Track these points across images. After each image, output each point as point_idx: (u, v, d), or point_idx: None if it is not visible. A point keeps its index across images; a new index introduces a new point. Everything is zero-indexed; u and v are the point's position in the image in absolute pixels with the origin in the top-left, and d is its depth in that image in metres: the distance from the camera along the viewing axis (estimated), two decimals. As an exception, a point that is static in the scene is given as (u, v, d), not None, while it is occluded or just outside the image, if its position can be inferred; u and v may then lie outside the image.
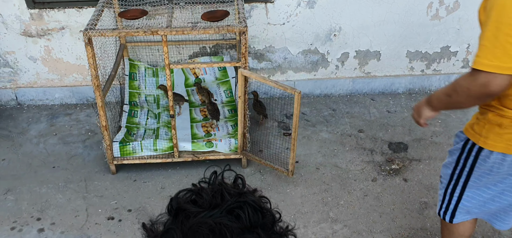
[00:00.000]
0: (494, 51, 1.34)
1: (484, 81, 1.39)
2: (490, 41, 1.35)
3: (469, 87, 1.45)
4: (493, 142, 1.62)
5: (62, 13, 3.26)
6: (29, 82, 3.54)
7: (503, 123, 1.57)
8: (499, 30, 1.33)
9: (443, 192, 1.92)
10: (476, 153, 1.70)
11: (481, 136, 1.64)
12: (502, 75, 1.35)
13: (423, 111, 1.80)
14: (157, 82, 3.49)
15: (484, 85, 1.40)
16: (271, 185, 2.82)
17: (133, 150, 2.85)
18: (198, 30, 2.42)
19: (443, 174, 1.91)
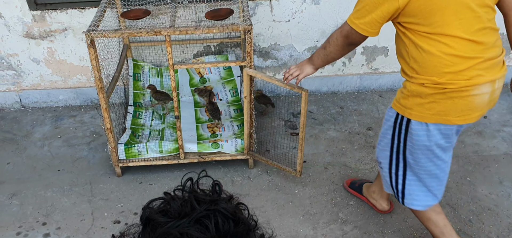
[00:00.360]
0: (358, 13, 1.75)
1: (349, 33, 1.81)
2: (358, 5, 1.76)
3: (337, 36, 1.87)
4: (417, 113, 1.76)
5: (64, 14, 3.22)
6: (33, 85, 3.51)
7: (423, 92, 1.72)
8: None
9: (389, 177, 2.02)
10: (406, 126, 1.82)
11: (407, 108, 1.78)
12: (358, 32, 1.77)
13: (305, 68, 2.13)
14: (162, 83, 3.44)
15: (347, 36, 1.83)
16: (279, 185, 2.77)
17: (138, 152, 2.81)
18: (202, 29, 2.37)
19: (382, 158, 2.01)
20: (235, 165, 2.93)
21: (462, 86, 1.68)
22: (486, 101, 1.75)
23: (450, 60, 1.66)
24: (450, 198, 2.64)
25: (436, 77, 1.69)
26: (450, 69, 1.67)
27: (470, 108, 1.73)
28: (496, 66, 1.74)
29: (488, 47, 1.69)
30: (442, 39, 1.65)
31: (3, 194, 2.75)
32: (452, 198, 2.63)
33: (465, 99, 1.70)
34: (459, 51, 1.65)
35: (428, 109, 1.74)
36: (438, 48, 1.66)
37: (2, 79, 3.47)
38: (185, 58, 3.51)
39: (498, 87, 1.77)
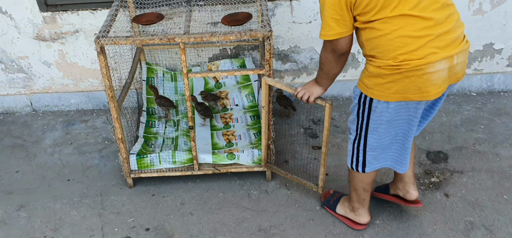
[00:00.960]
0: (325, 26, 1.83)
1: (332, 47, 1.88)
2: (323, 19, 1.82)
3: (326, 55, 1.94)
4: (378, 92, 1.85)
5: (75, 15, 3.09)
6: (44, 88, 3.41)
7: (381, 73, 1.80)
8: (323, 10, 1.80)
9: (352, 146, 2.12)
10: (369, 104, 1.91)
11: (369, 88, 1.87)
12: (341, 38, 1.84)
13: (313, 89, 2.15)
14: (176, 87, 3.30)
15: (333, 50, 1.89)
16: (299, 201, 2.60)
17: (151, 163, 2.67)
18: (218, 36, 2.20)
19: (351, 128, 2.11)
20: (251, 177, 2.78)
21: (416, 65, 1.73)
22: (444, 77, 1.79)
23: (400, 41, 1.71)
24: (486, 218, 2.43)
25: (391, 60, 1.75)
26: (402, 50, 1.72)
27: (428, 86, 1.77)
28: (453, 41, 1.76)
29: (439, 23, 1.72)
30: (390, 21, 1.71)
31: (12, 205, 2.64)
32: (488, 219, 2.43)
33: (421, 77, 1.75)
34: (408, 30, 1.70)
35: (388, 89, 1.82)
36: (387, 31, 1.72)
37: (13, 82, 3.37)
38: (200, 62, 3.35)
39: (458, 62, 1.80)
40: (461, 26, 1.82)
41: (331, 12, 1.77)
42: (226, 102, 3.26)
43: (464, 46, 1.81)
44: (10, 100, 3.43)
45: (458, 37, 1.78)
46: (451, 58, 1.76)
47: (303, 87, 2.19)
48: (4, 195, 2.72)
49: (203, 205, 2.60)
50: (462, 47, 1.79)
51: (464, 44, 1.81)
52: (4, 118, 3.43)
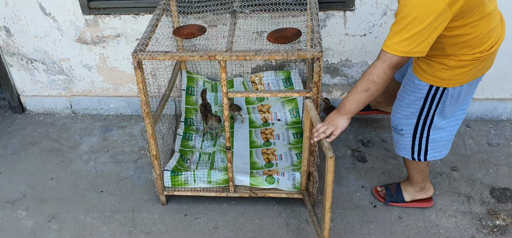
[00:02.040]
0: (408, 41, 1.71)
1: (397, 62, 1.75)
2: (404, 32, 1.70)
3: (385, 71, 1.77)
4: (456, 81, 1.88)
5: (118, 19, 2.99)
6: (84, 91, 3.35)
7: (464, 65, 1.84)
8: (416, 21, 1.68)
9: (412, 140, 2.13)
10: (440, 94, 1.93)
11: (445, 79, 1.88)
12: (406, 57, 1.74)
13: (339, 122, 1.92)
14: (217, 98, 3.13)
15: (395, 66, 1.76)
16: (342, 236, 2.36)
17: (185, 181, 2.52)
18: (262, 55, 1.99)
19: (404, 126, 2.11)
20: (291, 203, 2.56)
21: (496, 48, 1.86)
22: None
23: (487, 36, 1.79)
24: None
25: (478, 53, 1.81)
26: (488, 43, 1.81)
27: (492, 61, 1.93)
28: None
29: (495, 8, 1.84)
30: (478, 24, 1.74)
31: (43, 215, 2.58)
32: None
33: (493, 55, 1.89)
34: (490, 25, 1.78)
35: (467, 75, 1.87)
36: (477, 32, 1.76)
37: (54, 83, 3.33)
38: (242, 72, 3.17)
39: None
40: None
41: (429, 28, 1.65)
42: (268, 116, 3.06)
43: None
44: (50, 101, 3.41)
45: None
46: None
47: (325, 123, 1.93)
48: (37, 203, 2.67)
49: (237, 232, 2.42)
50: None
51: None
52: (44, 119, 3.41)
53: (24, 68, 3.28)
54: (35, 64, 3.26)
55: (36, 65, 3.26)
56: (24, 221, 2.56)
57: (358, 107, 1.87)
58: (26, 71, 3.30)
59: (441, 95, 1.94)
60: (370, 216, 2.46)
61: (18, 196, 2.73)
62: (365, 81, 1.81)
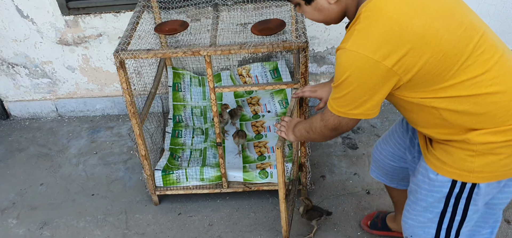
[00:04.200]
0: (348, 102, 1.32)
1: (334, 125, 1.41)
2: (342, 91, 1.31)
3: (322, 129, 1.47)
4: (489, 174, 1.34)
5: (98, 18, 2.92)
6: (69, 93, 3.29)
7: (495, 148, 1.29)
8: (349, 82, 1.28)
9: None
10: (468, 192, 1.38)
11: (473, 172, 1.34)
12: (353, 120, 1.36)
13: (289, 135, 1.77)
14: (204, 93, 3.09)
15: (334, 128, 1.42)
16: (338, 225, 2.36)
17: (177, 179, 2.49)
18: (247, 49, 1.96)
19: (421, 236, 1.55)
20: (285, 195, 2.55)
21: None
22: None
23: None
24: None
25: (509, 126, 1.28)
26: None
27: None
28: None
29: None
30: (486, 74, 1.27)
31: (35, 222, 2.54)
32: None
33: None
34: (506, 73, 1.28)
35: (505, 164, 1.31)
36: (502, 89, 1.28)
37: (38, 87, 3.26)
38: (229, 65, 3.13)
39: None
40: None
41: (370, 93, 1.27)
42: (258, 108, 3.04)
43: None
44: (35, 105, 3.34)
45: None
46: None
47: (285, 126, 1.80)
48: (28, 210, 2.62)
49: (233, 227, 2.41)
50: None
51: None
52: (30, 124, 3.35)
53: (5, 73, 3.20)
54: (16, 69, 3.18)
55: (17, 69, 3.18)
56: (15, 230, 2.51)
57: (303, 139, 1.71)
58: (8, 76, 3.22)
59: (470, 194, 1.39)
60: (364, 203, 2.46)
61: (8, 204, 2.68)
62: (309, 126, 1.58)
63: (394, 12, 1.20)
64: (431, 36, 1.19)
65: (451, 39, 1.20)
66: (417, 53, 1.19)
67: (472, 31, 1.24)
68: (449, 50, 1.20)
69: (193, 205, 2.55)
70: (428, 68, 1.21)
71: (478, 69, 1.23)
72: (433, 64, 1.20)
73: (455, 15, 1.25)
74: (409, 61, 1.19)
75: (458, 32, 1.22)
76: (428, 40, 1.19)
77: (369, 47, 1.19)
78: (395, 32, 1.18)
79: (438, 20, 1.21)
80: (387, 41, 1.19)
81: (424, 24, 1.19)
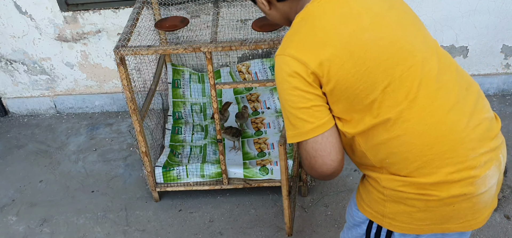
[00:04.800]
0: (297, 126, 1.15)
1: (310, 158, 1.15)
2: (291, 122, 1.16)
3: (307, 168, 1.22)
4: (402, 224, 1.18)
5: (97, 15, 2.91)
6: (68, 90, 3.27)
7: (406, 198, 1.14)
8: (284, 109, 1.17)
9: None
10: (386, 237, 1.24)
11: (386, 217, 1.20)
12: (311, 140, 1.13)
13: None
14: (204, 89, 3.09)
15: (311, 167, 1.16)
16: (338, 221, 2.37)
17: (177, 176, 2.49)
18: (248, 45, 1.96)
19: None
20: (285, 191, 2.56)
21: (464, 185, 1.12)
22: (494, 194, 1.19)
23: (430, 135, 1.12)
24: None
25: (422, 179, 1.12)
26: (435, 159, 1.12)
27: (476, 211, 1.16)
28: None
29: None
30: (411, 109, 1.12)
31: (35, 219, 2.54)
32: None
33: (468, 201, 1.13)
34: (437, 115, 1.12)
35: (418, 219, 1.17)
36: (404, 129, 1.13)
37: (36, 84, 3.25)
38: (228, 62, 3.13)
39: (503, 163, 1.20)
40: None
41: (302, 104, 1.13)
42: (257, 105, 3.03)
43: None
44: (34, 102, 3.33)
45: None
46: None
47: None
48: (27, 207, 2.62)
49: (233, 223, 2.41)
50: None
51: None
52: (29, 121, 3.33)
53: (4, 69, 3.19)
54: (15, 65, 3.16)
55: (16, 66, 3.17)
56: (15, 226, 2.51)
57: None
58: (6, 73, 3.21)
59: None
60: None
61: (7, 201, 2.67)
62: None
63: (323, 17, 1.12)
64: (356, 45, 1.09)
65: (378, 54, 1.09)
66: (339, 60, 1.08)
67: (406, 53, 1.10)
68: (374, 67, 1.09)
69: (193, 202, 2.55)
70: (350, 80, 1.09)
71: (400, 99, 1.09)
72: (355, 77, 1.09)
73: (393, 30, 1.13)
74: (331, 66, 1.09)
75: (390, 49, 1.10)
76: (352, 49, 1.09)
77: (293, 48, 1.12)
78: (319, 35, 1.11)
79: (369, 32, 1.10)
80: (311, 42, 1.11)
81: (351, 32, 1.09)
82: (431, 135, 1.09)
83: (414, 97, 1.09)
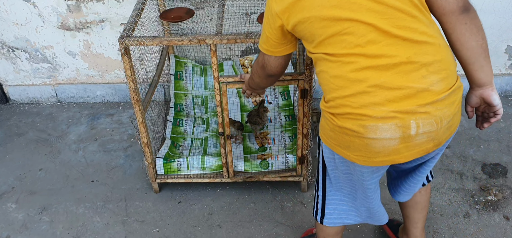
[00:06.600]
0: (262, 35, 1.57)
1: (261, 62, 1.65)
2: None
3: (257, 68, 1.72)
4: (324, 136, 1.49)
5: (101, 4, 2.89)
6: (69, 79, 3.26)
7: (324, 114, 1.45)
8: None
9: (314, 189, 1.81)
10: (319, 143, 1.61)
11: (321, 127, 1.51)
12: (268, 56, 1.59)
13: (247, 88, 2.01)
14: (206, 82, 3.08)
15: (262, 66, 1.66)
16: (338, 218, 2.36)
17: (178, 168, 2.49)
18: (253, 38, 1.95)
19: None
20: (285, 186, 2.55)
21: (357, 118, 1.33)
22: (393, 147, 1.32)
23: (350, 80, 1.32)
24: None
25: (331, 103, 1.40)
26: (347, 93, 1.33)
27: (369, 151, 1.35)
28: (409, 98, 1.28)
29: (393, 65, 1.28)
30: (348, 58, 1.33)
31: (34, 207, 2.53)
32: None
33: (360, 139, 1.34)
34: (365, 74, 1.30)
35: (329, 134, 1.45)
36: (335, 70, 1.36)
37: (38, 72, 3.24)
38: (231, 55, 3.11)
39: (422, 132, 1.30)
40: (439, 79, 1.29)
41: (266, 25, 1.52)
42: (259, 100, 3.02)
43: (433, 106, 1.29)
44: (35, 90, 3.32)
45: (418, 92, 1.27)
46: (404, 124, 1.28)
47: (246, 84, 2.02)
48: (27, 195, 2.61)
49: (233, 217, 2.41)
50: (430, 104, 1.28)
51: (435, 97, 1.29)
52: (30, 109, 3.32)
53: (5, 57, 3.18)
54: (17, 53, 3.15)
55: (18, 53, 3.15)
56: (14, 214, 2.50)
57: (253, 85, 1.91)
58: (8, 60, 3.20)
59: (319, 144, 1.61)
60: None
61: (7, 188, 2.67)
62: (252, 70, 1.82)
63: None
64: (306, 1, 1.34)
65: (321, 13, 1.31)
66: (293, 11, 1.37)
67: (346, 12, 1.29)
68: (317, 22, 1.32)
69: (193, 194, 2.55)
70: (301, 27, 1.37)
71: (330, 49, 1.33)
72: (305, 26, 1.36)
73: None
74: (289, 14, 1.39)
75: (331, 10, 1.30)
76: (303, 5, 1.34)
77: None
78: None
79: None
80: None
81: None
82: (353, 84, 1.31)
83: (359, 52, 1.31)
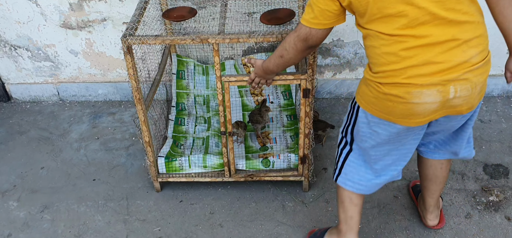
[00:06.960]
0: (308, 9, 1.63)
1: (304, 35, 1.67)
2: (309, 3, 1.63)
3: (295, 41, 1.70)
4: (364, 101, 1.65)
5: (103, 3, 2.90)
6: (71, 77, 3.26)
7: (368, 83, 1.60)
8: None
9: (336, 152, 1.95)
10: (356, 110, 1.74)
11: (359, 93, 1.70)
12: (315, 29, 1.64)
13: (264, 77, 2.00)
14: (208, 82, 3.08)
15: (305, 38, 1.67)
16: (339, 217, 2.36)
17: (180, 166, 2.49)
18: (256, 38, 1.95)
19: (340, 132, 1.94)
20: (287, 186, 2.56)
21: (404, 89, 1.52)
22: (432, 109, 1.54)
23: (400, 57, 1.49)
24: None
25: (379, 75, 1.56)
26: (396, 67, 1.50)
27: (411, 114, 1.55)
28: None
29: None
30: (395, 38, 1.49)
31: (35, 205, 2.53)
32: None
33: (404, 105, 1.53)
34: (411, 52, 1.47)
35: (370, 100, 1.62)
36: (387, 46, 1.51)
37: (40, 70, 3.24)
38: (233, 54, 3.12)
39: (458, 96, 1.52)
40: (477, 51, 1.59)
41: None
42: (261, 99, 3.02)
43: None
44: (37, 89, 3.32)
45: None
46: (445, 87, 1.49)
47: (255, 73, 2.01)
48: (28, 193, 2.61)
49: (234, 216, 2.41)
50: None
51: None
52: (31, 107, 3.33)
53: (8, 55, 3.18)
54: (19, 51, 3.16)
55: (20, 52, 3.16)
56: (16, 212, 2.51)
57: (278, 69, 1.90)
58: (10, 59, 3.20)
59: (357, 111, 1.74)
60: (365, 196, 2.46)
61: (9, 186, 2.67)
62: (280, 48, 1.78)
63: None
64: None
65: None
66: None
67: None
68: (378, 2, 1.45)
69: (194, 193, 2.55)
70: (359, 4, 1.49)
71: (382, 28, 1.48)
72: (364, 2, 1.48)
73: None
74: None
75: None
76: None
77: None
78: None
79: None
80: None
81: None
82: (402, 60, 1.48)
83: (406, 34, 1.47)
